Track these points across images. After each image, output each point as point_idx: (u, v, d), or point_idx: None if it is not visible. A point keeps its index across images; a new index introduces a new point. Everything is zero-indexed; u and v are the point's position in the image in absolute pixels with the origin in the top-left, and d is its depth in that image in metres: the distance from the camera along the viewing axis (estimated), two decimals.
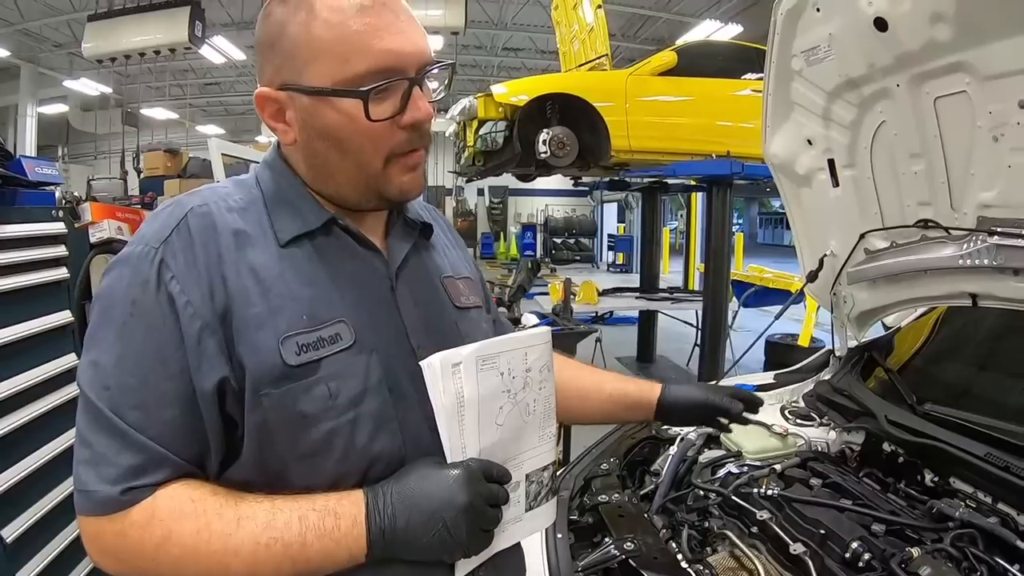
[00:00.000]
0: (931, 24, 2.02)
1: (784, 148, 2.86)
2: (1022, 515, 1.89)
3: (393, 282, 1.39)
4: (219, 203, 1.29)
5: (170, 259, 1.19)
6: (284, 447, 1.21)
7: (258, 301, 1.21)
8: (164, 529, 1.12)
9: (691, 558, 1.97)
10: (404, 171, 1.33)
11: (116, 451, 1.13)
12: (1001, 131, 2.05)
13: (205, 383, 1.16)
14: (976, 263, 2.27)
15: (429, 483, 1.21)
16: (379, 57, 1.22)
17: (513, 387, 1.32)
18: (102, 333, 1.18)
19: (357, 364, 1.26)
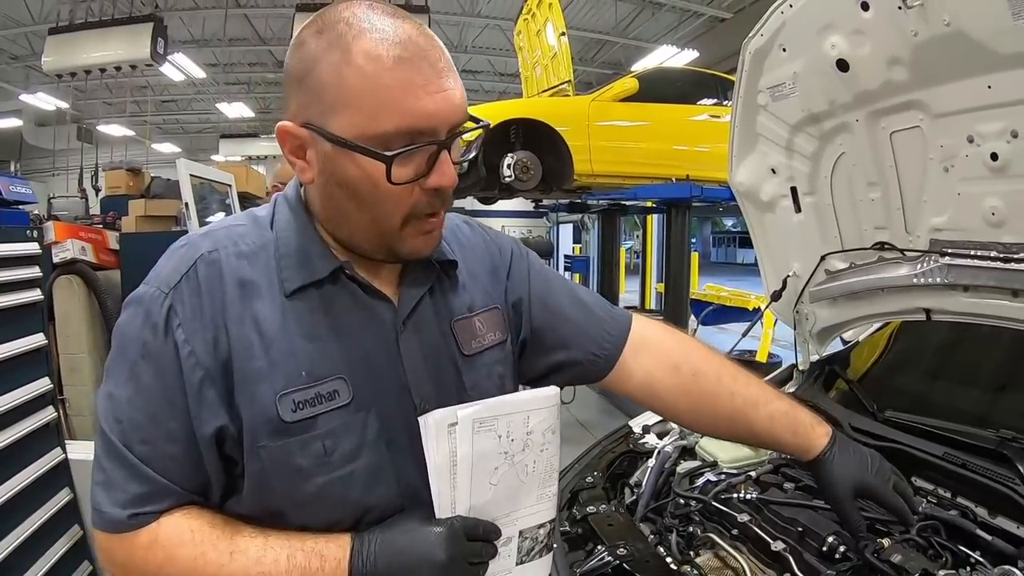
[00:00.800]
0: (888, 67, 2.22)
1: (749, 176, 3.03)
2: (980, 507, 2.07)
3: (399, 332, 1.36)
4: (229, 248, 1.29)
5: (178, 305, 1.22)
6: (281, 494, 1.25)
7: (259, 355, 1.23)
8: (165, 554, 1.19)
9: (680, 559, 2.12)
10: (419, 233, 1.30)
11: (125, 479, 1.20)
12: (951, 162, 2.25)
13: (204, 429, 1.20)
14: (929, 281, 2.45)
15: (412, 537, 1.23)
16: (410, 119, 1.16)
17: (511, 449, 1.31)
18: (117, 368, 1.24)
19: (354, 422, 1.27)
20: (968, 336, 2.80)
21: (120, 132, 24.58)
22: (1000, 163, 2.10)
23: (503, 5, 18.42)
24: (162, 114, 28.60)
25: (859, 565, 1.88)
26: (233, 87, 24.96)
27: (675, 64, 16.60)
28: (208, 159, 25.36)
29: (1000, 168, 2.11)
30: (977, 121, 2.12)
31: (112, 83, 19.01)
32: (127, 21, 15.19)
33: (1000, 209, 2.18)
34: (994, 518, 2.02)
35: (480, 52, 22.82)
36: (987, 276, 2.28)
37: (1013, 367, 2.61)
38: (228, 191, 8.28)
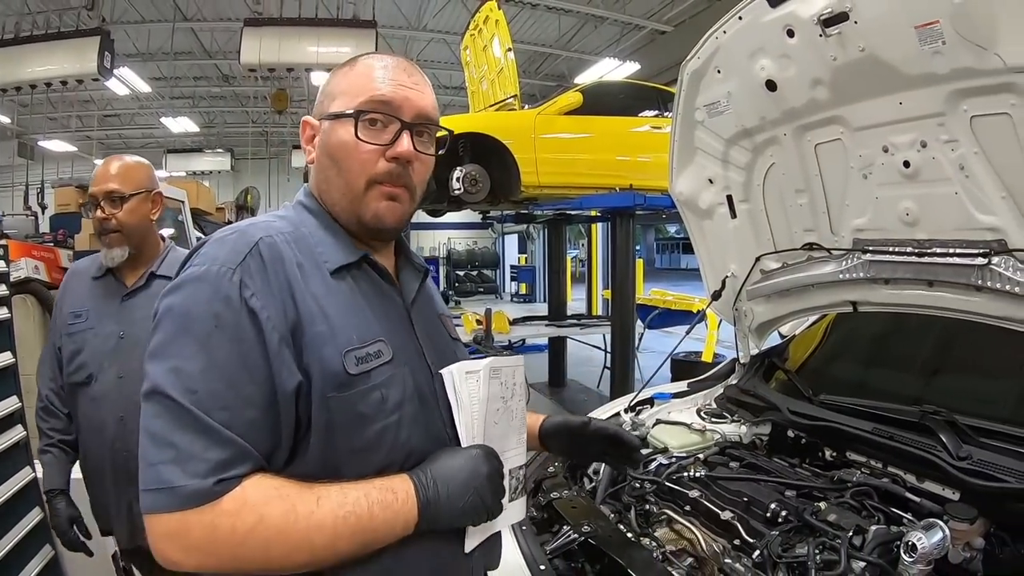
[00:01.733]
0: (812, 87, 2.48)
1: (689, 186, 3.27)
2: (909, 474, 2.33)
3: (409, 312, 1.61)
4: (281, 231, 1.48)
5: (248, 279, 1.35)
6: (344, 443, 1.39)
7: (321, 322, 1.39)
8: (256, 514, 1.25)
9: (639, 533, 2.34)
10: (381, 198, 1.53)
11: (204, 448, 1.25)
12: (869, 170, 2.53)
13: (287, 385, 1.32)
14: (853, 276, 2.73)
15: (457, 461, 1.46)
16: (378, 96, 1.52)
17: (507, 395, 1.61)
18: (180, 343, 1.30)
19: (397, 375, 1.47)
20: (895, 328, 3.09)
21: (63, 148, 23.76)
22: (912, 170, 2.38)
23: (449, 19, 18.37)
24: (106, 129, 27.51)
25: (800, 526, 2.11)
26: (178, 101, 24.34)
27: (617, 76, 16.74)
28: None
29: (912, 174, 2.38)
30: (891, 133, 2.39)
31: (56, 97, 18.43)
32: (74, 35, 14.71)
33: (913, 210, 2.45)
34: (922, 482, 2.28)
35: (426, 66, 22.51)
36: (904, 270, 2.55)
37: (935, 353, 2.88)
38: (181, 207, 8.25)
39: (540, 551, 2.22)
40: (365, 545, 1.35)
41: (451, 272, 28.38)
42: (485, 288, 27.86)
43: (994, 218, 2.21)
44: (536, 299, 21.99)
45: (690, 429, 3.03)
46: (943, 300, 2.50)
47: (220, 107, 26.01)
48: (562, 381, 11.81)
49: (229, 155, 28.55)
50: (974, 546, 1.97)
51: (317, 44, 14.51)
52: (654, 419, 3.21)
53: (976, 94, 2.07)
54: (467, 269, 28.67)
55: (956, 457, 2.16)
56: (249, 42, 14.32)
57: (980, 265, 2.26)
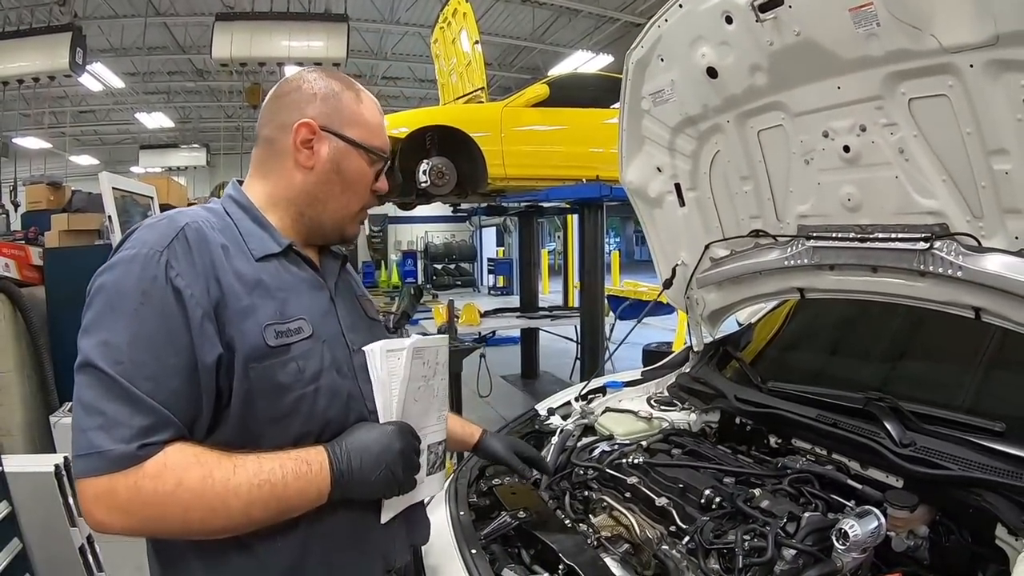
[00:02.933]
0: (751, 73, 2.47)
1: (638, 175, 3.26)
2: (853, 461, 2.33)
3: (332, 295, 1.76)
4: (206, 218, 1.61)
5: (173, 260, 1.46)
6: (263, 411, 1.50)
7: (244, 297, 1.51)
8: (175, 477, 1.35)
9: (574, 518, 2.34)
10: (358, 221, 1.82)
11: (129, 415, 1.34)
12: (811, 156, 2.52)
13: (207, 357, 1.43)
14: (798, 263, 2.71)
15: (373, 435, 1.59)
16: (384, 143, 1.79)
17: (428, 374, 1.73)
18: (111, 318, 1.40)
19: (315, 349, 1.60)
20: (855, 316, 3.10)
21: (37, 145, 23.62)
22: (852, 154, 2.37)
23: (422, 12, 18.32)
24: (80, 125, 27.33)
25: (732, 512, 2.11)
26: (152, 96, 24.20)
27: (590, 69, 16.79)
28: (127, 171, 24.53)
29: (852, 159, 2.37)
30: (830, 118, 2.37)
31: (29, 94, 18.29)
32: (45, 31, 14.67)
33: (855, 195, 2.44)
34: (866, 470, 2.29)
35: (400, 59, 22.63)
36: (848, 255, 2.54)
37: (892, 341, 2.86)
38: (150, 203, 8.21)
39: (474, 535, 2.22)
40: (280, 512, 1.47)
41: (428, 266, 28.38)
42: (463, 281, 27.90)
43: (935, 202, 2.21)
44: (513, 292, 21.96)
45: (637, 417, 3.03)
46: (888, 286, 2.48)
47: (195, 102, 25.87)
48: (535, 373, 11.79)
49: (205, 150, 28.53)
50: (918, 534, 1.96)
51: (289, 38, 14.57)
52: (603, 407, 3.19)
53: (913, 76, 2.06)
54: (444, 263, 28.70)
55: (899, 444, 2.15)
56: (220, 37, 14.41)
57: (922, 250, 2.25)
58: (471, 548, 2.13)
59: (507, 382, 11.43)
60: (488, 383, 8.68)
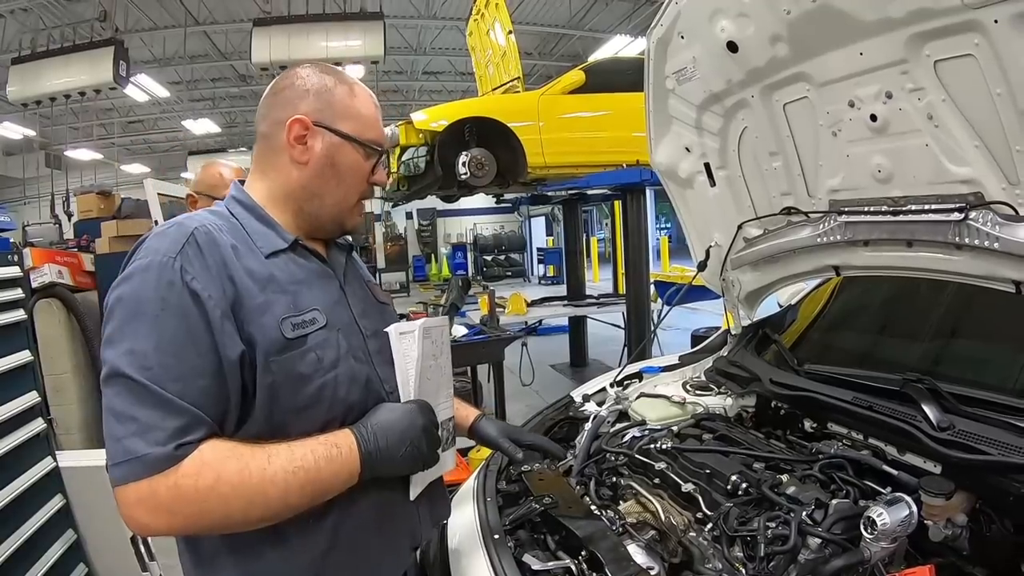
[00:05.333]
0: (772, 44, 2.38)
1: (667, 156, 3.20)
2: (889, 446, 2.23)
3: (342, 284, 1.83)
4: (214, 221, 1.65)
5: (187, 265, 1.51)
6: (288, 402, 1.57)
7: (258, 294, 1.57)
8: (214, 473, 1.40)
9: (600, 504, 2.30)
10: (358, 213, 1.87)
11: (162, 418, 1.39)
12: (839, 127, 2.42)
13: (231, 354, 1.48)
14: (831, 240, 2.63)
15: (395, 415, 1.66)
16: (379, 135, 1.83)
17: (437, 353, 1.81)
18: (134, 327, 1.45)
19: (331, 338, 1.66)
20: (901, 295, 2.98)
21: (88, 156, 24.23)
22: (879, 123, 2.26)
23: (458, 6, 18.32)
24: (129, 135, 27.93)
25: (758, 498, 2.05)
26: (198, 103, 24.69)
27: (630, 52, 16.65)
28: (178, 177, 24.98)
29: (880, 128, 2.27)
30: (855, 86, 2.27)
31: (78, 108, 18.72)
32: (88, 46, 15.03)
33: (885, 166, 2.33)
34: (903, 455, 2.18)
35: (439, 53, 22.72)
36: (881, 230, 2.44)
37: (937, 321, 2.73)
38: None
39: (498, 521, 2.21)
40: (315, 496, 1.53)
41: (478, 257, 28.50)
42: (513, 272, 28.04)
43: (968, 169, 2.09)
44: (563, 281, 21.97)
45: (671, 402, 2.97)
46: (924, 260, 2.38)
47: (240, 107, 26.22)
48: (584, 361, 11.76)
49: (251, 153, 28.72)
50: (957, 523, 1.85)
51: (326, 39, 14.73)
52: (638, 393, 3.14)
53: (937, 36, 1.94)
54: (494, 254, 28.83)
55: (936, 427, 2.04)
56: (259, 41, 14.68)
57: (957, 221, 2.14)
58: (494, 534, 2.11)
59: (556, 371, 11.45)
60: (531, 372, 8.67)
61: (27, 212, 23.29)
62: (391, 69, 23.13)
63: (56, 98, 15.41)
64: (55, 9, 16.18)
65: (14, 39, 17.03)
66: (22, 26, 16.69)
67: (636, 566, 1.86)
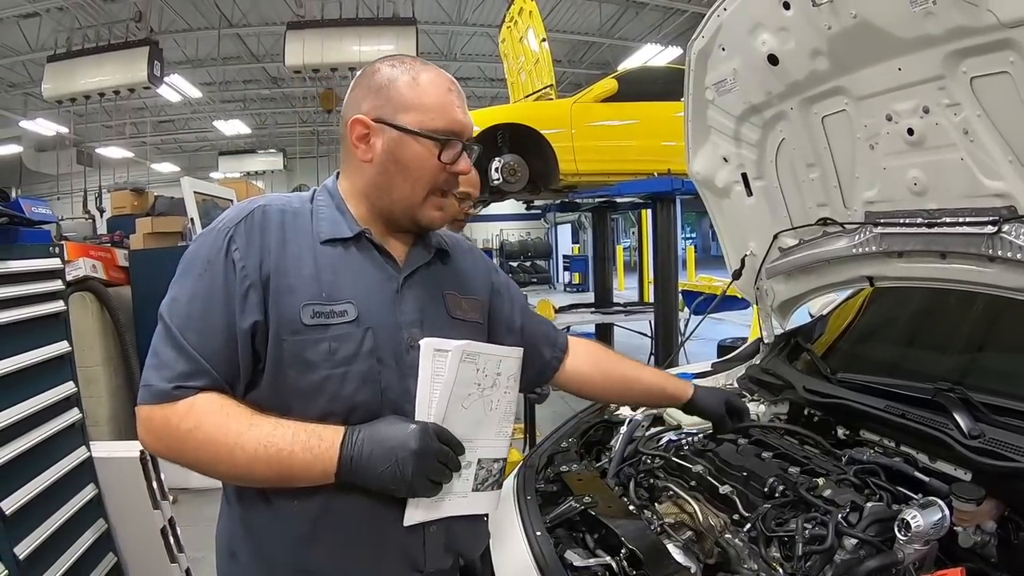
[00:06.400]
0: (812, 58, 2.44)
1: (704, 166, 3.26)
2: (921, 453, 2.28)
3: (399, 285, 1.77)
4: (278, 204, 1.74)
5: (237, 237, 1.63)
6: (291, 382, 1.61)
7: (292, 276, 1.63)
8: (196, 419, 1.53)
9: (639, 504, 2.36)
10: (436, 207, 1.79)
11: (175, 359, 1.56)
12: (876, 140, 2.47)
13: (243, 323, 1.58)
14: (866, 250, 2.67)
15: (393, 429, 1.58)
16: (452, 124, 1.73)
17: (483, 383, 1.68)
18: (182, 280, 1.63)
19: (355, 334, 1.65)
20: (932, 306, 3.03)
21: (119, 154, 24.67)
22: (916, 137, 2.31)
23: (489, 12, 18.48)
24: (160, 134, 28.28)
25: (795, 500, 2.09)
26: (229, 105, 24.93)
27: (660, 62, 16.67)
28: (207, 176, 25.07)
29: (917, 142, 2.32)
30: (893, 101, 2.32)
31: (110, 106, 18.92)
32: (123, 46, 15.24)
33: (921, 179, 2.39)
34: (934, 462, 2.23)
35: (469, 59, 22.82)
36: (916, 241, 2.49)
37: (968, 332, 2.79)
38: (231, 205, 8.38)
39: (539, 518, 2.27)
40: (282, 477, 1.56)
41: (504, 263, 28.41)
42: (539, 279, 27.94)
43: (1002, 183, 2.14)
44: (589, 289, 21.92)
45: None
46: (957, 272, 2.43)
47: (270, 108, 26.45)
48: None
49: (281, 155, 29.11)
50: (986, 529, 1.90)
51: (359, 43, 14.74)
52: None
53: (974, 54, 2.00)
54: (520, 260, 28.75)
55: (967, 435, 2.09)
56: (292, 45, 14.74)
57: (990, 234, 2.19)
58: (536, 531, 2.17)
59: None
60: None
61: (58, 208, 23.42)
62: None
63: (90, 96, 15.59)
64: (91, 9, 16.41)
65: (49, 37, 17.29)
66: (58, 25, 16.93)
67: (676, 563, 1.92)
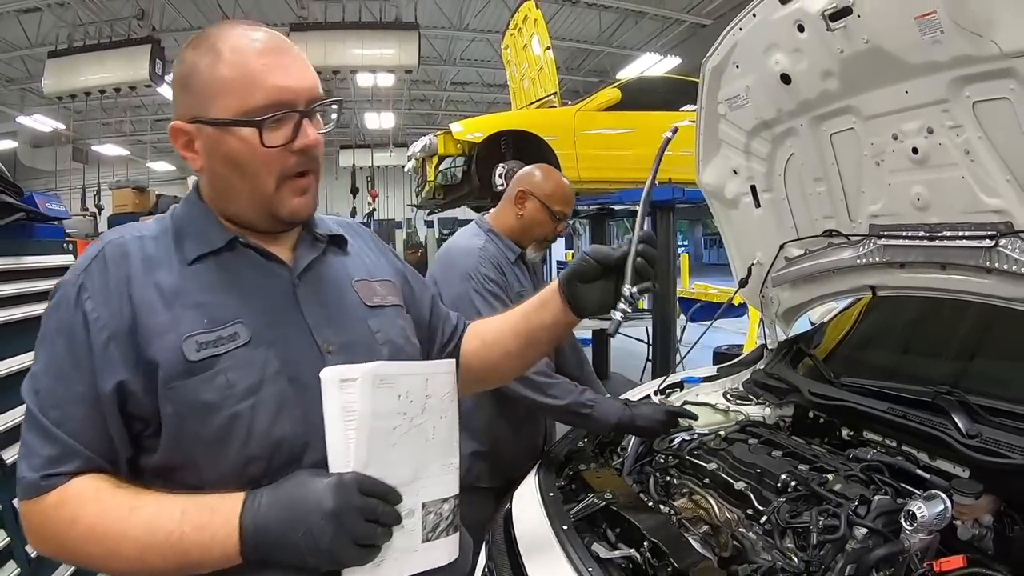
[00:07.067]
0: (823, 78, 2.56)
1: (714, 177, 3.37)
2: (921, 452, 2.41)
3: (295, 287, 1.54)
4: (133, 234, 1.50)
5: (87, 282, 1.40)
6: (193, 434, 1.35)
7: (162, 311, 1.38)
8: (71, 512, 1.30)
9: (658, 500, 2.48)
10: (294, 194, 1.51)
11: (40, 444, 1.33)
12: (881, 158, 2.60)
13: (105, 386, 1.33)
14: (870, 261, 2.80)
15: (303, 489, 1.30)
16: (273, 92, 1.42)
17: (410, 411, 1.38)
18: (39, 347, 1.40)
19: (253, 358, 1.40)
20: (926, 315, 3.15)
21: (115, 152, 24.56)
22: (920, 156, 2.44)
23: (489, 18, 18.53)
24: (158, 133, 28.14)
25: (807, 495, 2.21)
26: None
27: (658, 71, 16.77)
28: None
29: (921, 160, 2.45)
30: (900, 121, 2.45)
31: (108, 104, 18.86)
32: (125, 44, 15.29)
33: (924, 195, 2.51)
34: (934, 460, 2.35)
35: (468, 64, 22.86)
36: (917, 253, 2.62)
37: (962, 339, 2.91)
38: None
39: (564, 513, 2.35)
40: (181, 568, 1.30)
41: None
42: None
43: (1000, 200, 2.27)
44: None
45: (715, 409, 3.14)
46: (956, 283, 2.56)
47: None
48: (606, 373, 11.65)
49: None
50: (983, 523, 2.03)
51: (361, 47, 14.84)
52: (682, 400, 3.30)
53: (976, 80, 2.13)
54: None
55: (966, 435, 2.22)
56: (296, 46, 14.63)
57: (988, 247, 2.32)
58: (563, 525, 2.25)
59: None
60: None
61: None
62: (419, 79, 23.24)
63: (91, 93, 15.66)
64: (93, 5, 16.35)
65: (50, 32, 17.21)
66: (59, 20, 16.85)
67: (698, 553, 2.02)
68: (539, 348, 1.99)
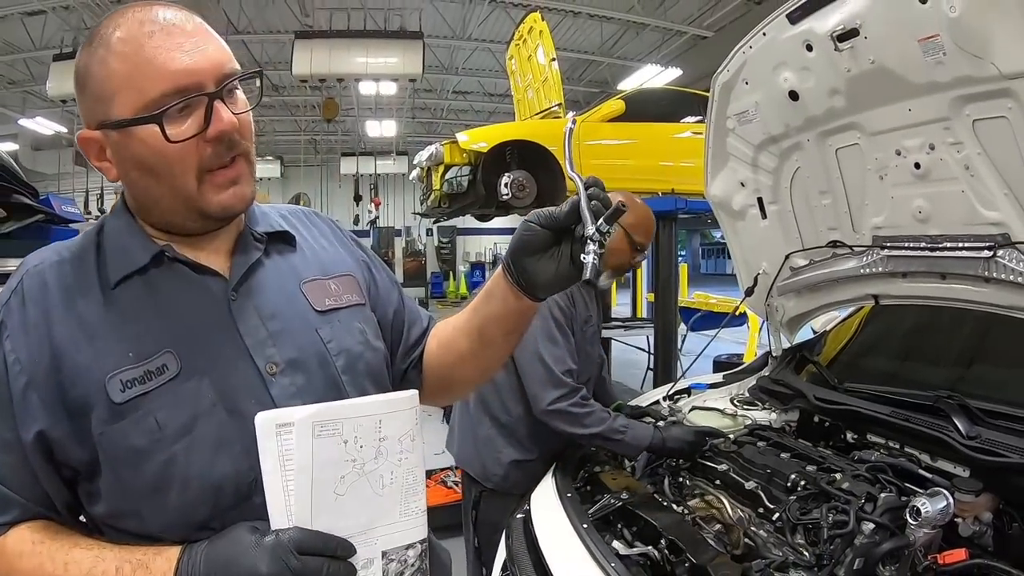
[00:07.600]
0: (830, 96, 2.67)
1: (722, 189, 3.46)
2: (923, 454, 2.50)
3: (231, 301, 1.36)
4: (52, 259, 1.33)
5: (7, 319, 1.25)
6: (128, 482, 1.22)
7: (84, 348, 1.23)
8: (8, 565, 1.20)
9: (672, 500, 2.58)
10: (220, 188, 1.31)
11: None
12: (885, 172, 2.70)
13: (27, 435, 1.21)
14: (873, 271, 2.91)
15: (237, 549, 1.16)
16: (171, 78, 1.21)
17: (361, 457, 1.22)
18: None
19: (184, 392, 1.25)
20: (925, 323, 3.25)
21: None
22: (922, 170, 2.54)
23: (492, 28, 18.54)
24: None
25: (816, 493, 2.31)
26: None
27: (659, 82, 16.82)
28: None
29: (923, 175, 2.55)
30: (903, 137, 2.55)
31: None
32: None
33: (925, 208, 2.62)
34: (935, 461, 2.44)
35: (470, 74, 22.83)
36: (919, 264, 2.73)
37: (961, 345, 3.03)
38: None
39: (584, 514, 2.44)
40: None
41: None
42: None
43: (998, 213, 2.37)
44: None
45: (723, 414, 3.24)
46: (956, 292, 2.66)
47: (269, 116, 26.36)
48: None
49: (279, 162, 29.23)
50: (983, 520, 2.11)
51: (366, 55, 14.88)
52: (690, 406, 3.40)
53: (976, 99, 2.23)
54: None
55: (966, 436, 2.31)
56: (300, 54, 14.84)
57: (986, 258, 2.42)
58: (583, 523, 2.35)
59: None
60: None
61: None
62: (421, 87, 23.24)
63: None
64: (98, 9, 16.17)
65: (55, 35, 17.15)
66: (63, 23, 16.76)
67: (715, 550, 2.11)
68: (495, 347, 1.65)
